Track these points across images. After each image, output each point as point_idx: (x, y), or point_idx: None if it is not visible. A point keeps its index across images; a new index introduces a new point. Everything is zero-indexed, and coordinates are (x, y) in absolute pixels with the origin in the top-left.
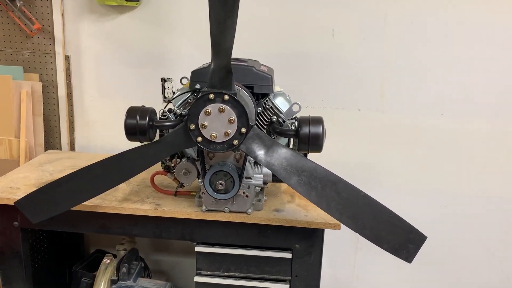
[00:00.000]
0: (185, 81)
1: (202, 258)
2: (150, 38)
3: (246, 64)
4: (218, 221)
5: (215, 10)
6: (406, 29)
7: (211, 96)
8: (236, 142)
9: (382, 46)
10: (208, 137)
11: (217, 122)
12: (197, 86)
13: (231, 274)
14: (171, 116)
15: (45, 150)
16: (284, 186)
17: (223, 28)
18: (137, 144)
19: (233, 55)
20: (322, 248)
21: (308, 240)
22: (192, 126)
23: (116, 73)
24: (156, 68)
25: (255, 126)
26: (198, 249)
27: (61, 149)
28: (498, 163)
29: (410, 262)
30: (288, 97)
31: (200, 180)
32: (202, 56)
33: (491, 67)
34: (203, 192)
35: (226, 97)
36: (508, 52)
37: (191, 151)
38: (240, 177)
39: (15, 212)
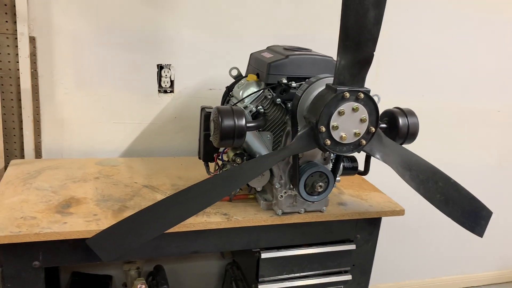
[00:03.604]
0: (235, 72)
1: (266, 264)
2: (144, 17)
3: (325, 56)
4: (287, 223)
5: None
6: (400, 17)
7: (347, 94)
8: (363, 142)
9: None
10: (338, 139)
11: (349, 123)
12: (284, 81)
13: (295, 275)
14: (247, 115)
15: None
16: None
17: (364, 20)
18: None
19: (238, 34)
20: (378, 234)
21: (368, 229)
22: (323, 129)
23: (99, 59)
24: (150, 52)
25: None
26: (264, 255)
27: (24, 157)
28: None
29: (482, 236)
30: None
31: (278, 184)
32: (206, 39)
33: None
34: (281, 196)
35: (361, 95)
36: (473, 39)
37: (263, 150)
38: (335, 175)
39: (36, 249)
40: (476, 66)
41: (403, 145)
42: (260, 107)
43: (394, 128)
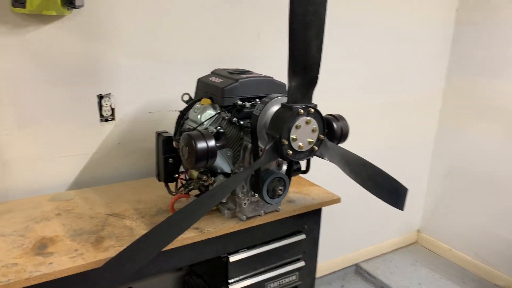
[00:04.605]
0: (186, 97)
1: (234, 267)
2: (80, 50)
3: (266, 76)
4: (249, 227)
5: (298, 33)
6: None
7: (301, 111)
8: (316, 148)
9: None
10: (297, 149)
11: (304, 134)
12: (240, 103)
13: (258, 271)
14: None
15: None
16: None
17: (308, 49)
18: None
19: (170, 57)
20: (320, 221)
21: (313, 218)
22: (285, 142)
23: (39, 95)
24: (89, 84)
25: None
26: (232, 259)
27: None
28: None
29: (403, 209)
30: None
31: (241, 193)
32: (142, 66)
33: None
34: (245, 203)
35: (311, 110)
36: (368, 45)
37: (224, 166)
38: (290, 178)
39: None
40: (372, 66)
41: (339, 145)
42: (219, 127)
43: (331, 132)
